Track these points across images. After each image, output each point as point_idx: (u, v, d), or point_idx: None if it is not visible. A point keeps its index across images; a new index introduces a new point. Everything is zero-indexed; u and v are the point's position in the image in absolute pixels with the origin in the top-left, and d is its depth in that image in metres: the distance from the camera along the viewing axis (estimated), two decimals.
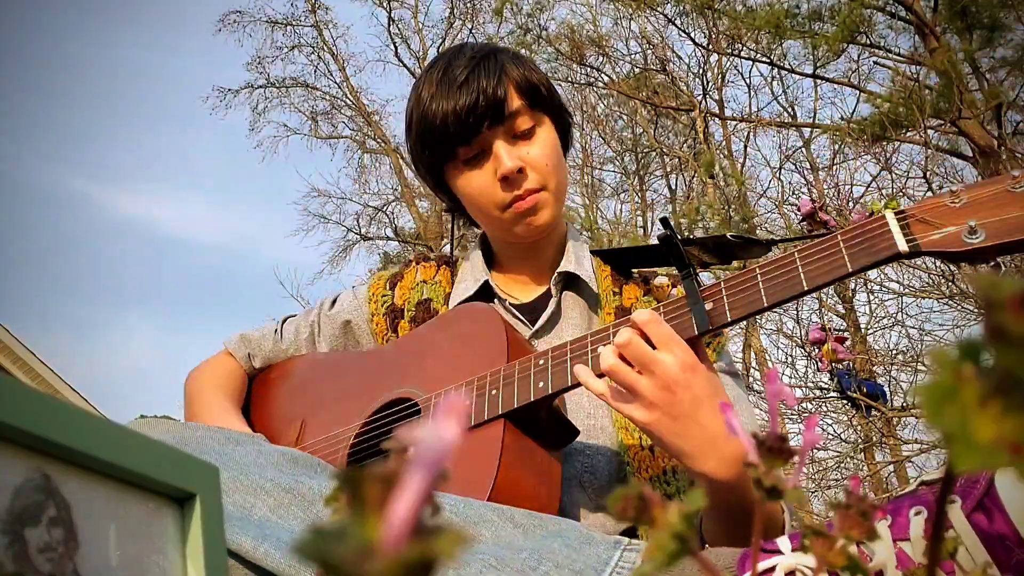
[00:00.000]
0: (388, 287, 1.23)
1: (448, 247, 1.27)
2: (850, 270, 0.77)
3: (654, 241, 0.98)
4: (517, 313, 1.13)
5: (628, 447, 1.00)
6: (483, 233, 1.22)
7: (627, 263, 1.17)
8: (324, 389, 1.15)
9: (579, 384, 0.88)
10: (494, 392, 0.93)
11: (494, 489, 0.83)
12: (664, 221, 0.93)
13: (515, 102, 1.06)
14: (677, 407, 0.78)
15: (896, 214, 0.78)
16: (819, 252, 0.80)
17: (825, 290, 7.85)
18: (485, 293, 1.15)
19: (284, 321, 1.29)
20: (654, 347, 0.80)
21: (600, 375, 0.83)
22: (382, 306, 1.21)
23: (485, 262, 1.19)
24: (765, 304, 0.81)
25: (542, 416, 0.93)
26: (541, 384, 0.91)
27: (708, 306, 0.84)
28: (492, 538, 0.69)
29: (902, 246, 0.75)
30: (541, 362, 0.93)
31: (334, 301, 1.27)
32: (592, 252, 1.19)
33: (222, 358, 1.27)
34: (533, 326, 1.10)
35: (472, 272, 1.18)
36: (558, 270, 1.12)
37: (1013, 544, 0.56)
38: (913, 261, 5.43)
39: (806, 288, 0.79)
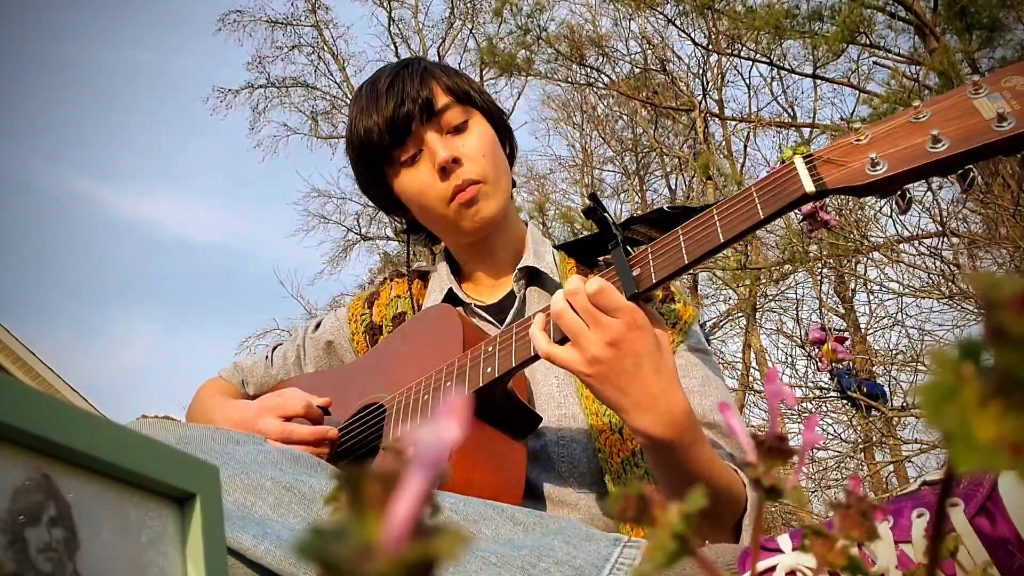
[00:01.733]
0: (366, 306, 1.28)
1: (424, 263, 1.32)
2: (762, 217, 0.79)
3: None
4: (484, 315, 1.15)
5: (599, 432, 1.02)
6: (445, 247, 1.26)
7: (590, 252, 1.19)
8: None
9: (524, 365, 0.91)
10: (448, 384, 0.96)
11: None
12: (592, 196, 0.95)
13: (443, 99, 1.08)
14: (619, 363, 0.79)
15: (804, 158, 0.80)
16: (734, 205, 0.82)
17: (824, 294, 7.85)
18: (451, 301, 1.18)
19: (273, 349, 1.34)
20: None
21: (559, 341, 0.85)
22: (362, 325, 1.26)
23: (451, 272, 1.22)
24: (686, 260, 0.83)
25: (498, 402, 0.95)
26: (489, 369, 0.92)
27: (636, 272, 0.86)
28: (492, 535, 0.69)
29: (809, 187, 0.77)
30: (490, 348, 0.95)
31: (318, 324, 1.32)
32: (555, 247, 1.21)
33: (218, 381, 1.31)
34: (501, 325, 1.13)
35: (439, 283, 1.22)
36: (518, 266, 1.15)
37: (1015, 548, 0.56)
38: (912, 260, 5.41)
39: (723, 240, 0.81)
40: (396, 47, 13.02)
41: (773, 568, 0.59)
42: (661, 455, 0.82)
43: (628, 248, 0.91)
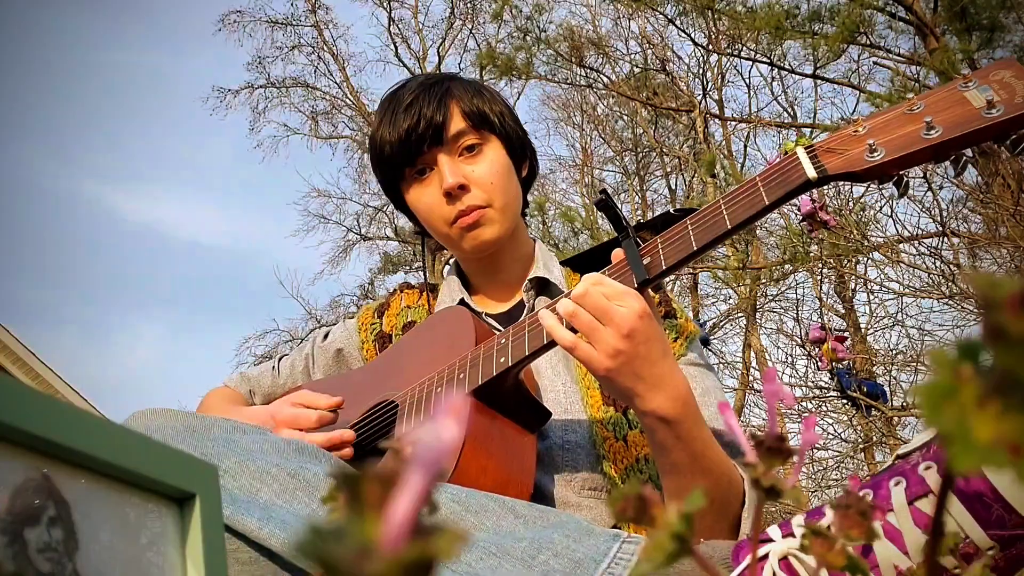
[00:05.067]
0: (376, 316, 1.30)
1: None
2: (767, 203, 0.83)
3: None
4: (494, 323, 1.17)
5: (603, 439, 1.03)
6: (455, 260, 1.28)
7: (592, 267, 1.21)
8: None
9: (537, 353, 0.93)
10: (461, 376, 0.99)
11: (460, 459, 0.87)
12: (603, 191, 0.97)
13: (458, 123, 1.10)
14: (635, 350, 0.82)
15: (806, 149, 0.84)
16: (740, 193, 0.86)
17: (824, 294, 7.85)
18: None
19: (280, 359, 1.35)
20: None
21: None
22: (371, 334, 1.27)
23: (460, 280, 1.25)
24: (695, 247, 0.86)
25: (509, 393, 0.97)
26: (502, 359, 0.95)
27: (646, 260, 0.90)
28: (493, 527, 0.70)
29: (811, 173, 0.81)
30: (503, 340, 0.97)
31: (326, 335, 1.34)
32: (561, 263, 1.24)
33: (222, 389, 1.32)
34: None
35: (449, 294, 1.24)
36: (529, 276, 1.18)
37: (991, 500, 0.57)
38: (912, 260, 5.41)
39: (730, 226, 0.84)
40: (396, 47, 13.03)
41: (765, 556, 0.60)
42: (669, 433, 0.84)
43: (638, 240, 0.93)
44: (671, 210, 1.01)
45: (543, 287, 1.18)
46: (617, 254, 0.93)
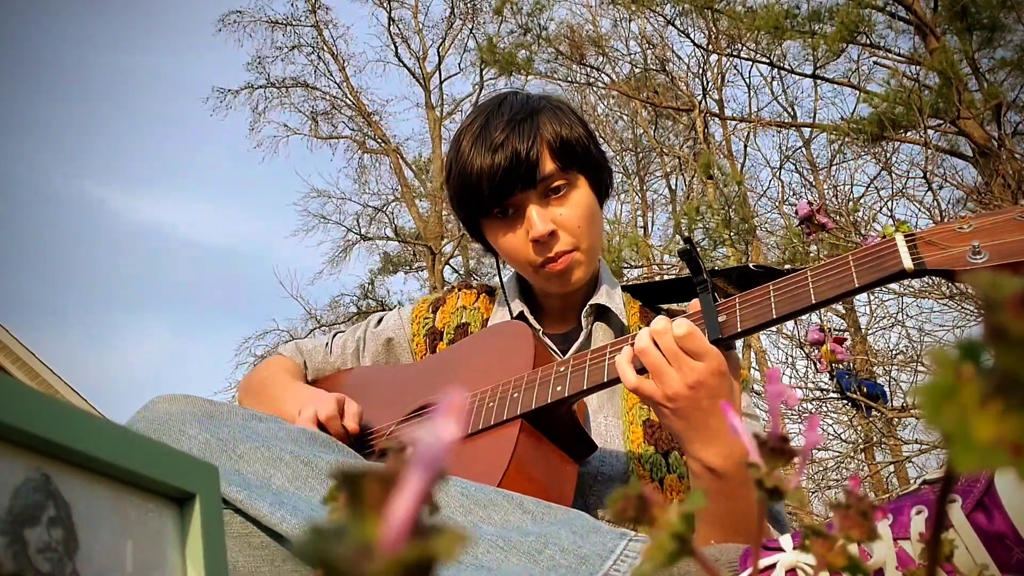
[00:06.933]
0: (431, 311, 1.29)
1: (499, 278, 1.32)
2: (856, 285, 0.81)
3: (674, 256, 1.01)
4: (550, 343, 1.17)
5: (640, 479, 1.03)
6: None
7: (655, 298, 1.22)
8: (366, 397, 1.20)
9: (595, 389, 0.92)
10: (515, 395, 0.98)
11: (504, 480, 0.87)
12: (687, 239, 0.97)
13: (548, 165, 1.07)
14: (696, 402, 0.81)
15: (906, 236, 0.82)
16: (830, 269, 0.84)
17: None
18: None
19: (333, 336, 1.35)
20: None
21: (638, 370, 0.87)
22: (423, 327, 1.27)
23: (521, 293, 1.23)
24: (774, 315, 0.85)
25: (561, 421, 0.96)
26: (559, 388, 0.94)
27: (722, 318, 0.88)
28: (500, 521, 0.71)
29: (908, 264, 0.79)
30: (562, 369, 0.96)
31: (380, 320, 1.33)
32: (623, 288, 1.23)
33: (280, 358, 1.32)
34: (564, 355, 1.14)
35: (509, 305, 1.23)
36: (590, 302, 1.16)
37: (1012, 543, 0.56)
38: None
39: (814, 301, 0.82)
40: (396, 47, 13.03)
41: (773, 566, 0.60)
42: (713, 484, 0.83)
43: (716, 296, 0.92)
44: (751, 266, 1.01)
45: (602, 313, 1.18)
46: (694, 305, 0.92)
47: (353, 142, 13.38)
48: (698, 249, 0.94)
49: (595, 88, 10.47)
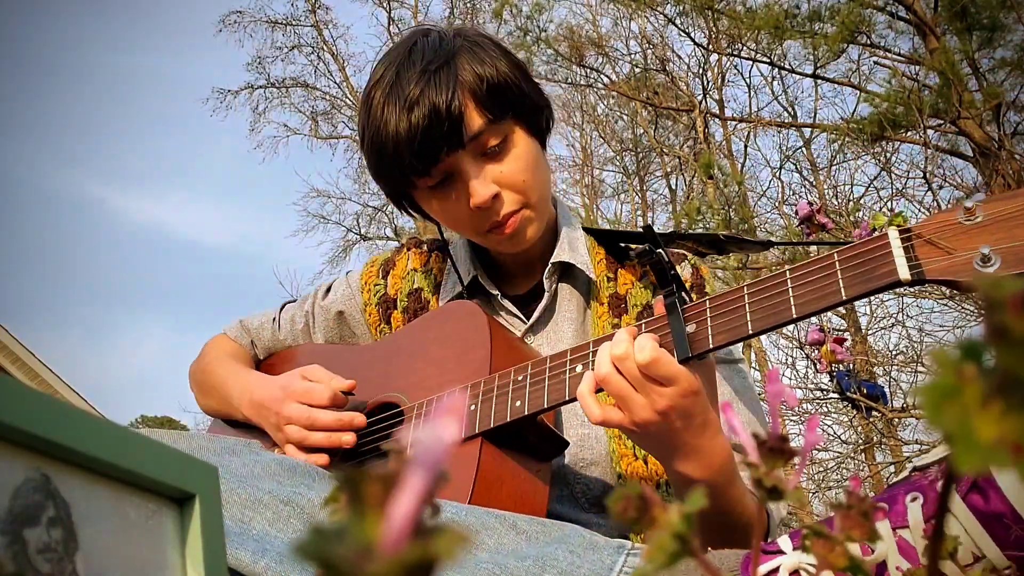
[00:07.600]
0: (380, 275, 1.20)
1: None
2: (843, 298, 0.70)
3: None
4: (511, 307, 1.09)
5: (621, 457, 0.98)
6: None
7: (619, 238, 1.12)
8: None
9: (555, 407, 0.87)
10: (472, 408, 0.91)
11: (472, 500, 0.83)
12: (647, 228, 0.88)
13: (476, 120, 0.93)
14: (667, 425, 0.76)
15: (900, 233, 0.69)
16: (812, 273, 0.73)
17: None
18: (475, 289, 1.11)
19: (281, 309, 1.27)
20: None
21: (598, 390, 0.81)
22: (375, 295, 1.18)
23: (474, 252, 1.13)
24: (750, 331, 0.75)
25: (525, 431, 0.91)
26: (518, 403, 0.88)
27: (691, 328, 0.79)
28: (495, 545, 0.69)
29: (904, 273, 0.67)
30: (520, 379, 0.89)
31: (328, 289, 1.25)
32: (585, 230, 1.12)
33: (223, 340, 1.26)
34: (528, 320, 1.08)
35: (461, 264, 1.13)
36: (551, 260, 1.05)
37: (1011, 521, 0.56)
38: None
39: (795, 316, 0.72)
40: None
41: (776, 570, 0.59)
42: (696, 490, 0.81)
43: (684, 296, 0.82)
44: (721, 235, 0.93)
45: (566, 271, 1.08)
46: (658, 308, 0.82)
47: (353, 142, 13.37)
48: (663, 240, 0.82)
49: (595, 88, 10.47)
